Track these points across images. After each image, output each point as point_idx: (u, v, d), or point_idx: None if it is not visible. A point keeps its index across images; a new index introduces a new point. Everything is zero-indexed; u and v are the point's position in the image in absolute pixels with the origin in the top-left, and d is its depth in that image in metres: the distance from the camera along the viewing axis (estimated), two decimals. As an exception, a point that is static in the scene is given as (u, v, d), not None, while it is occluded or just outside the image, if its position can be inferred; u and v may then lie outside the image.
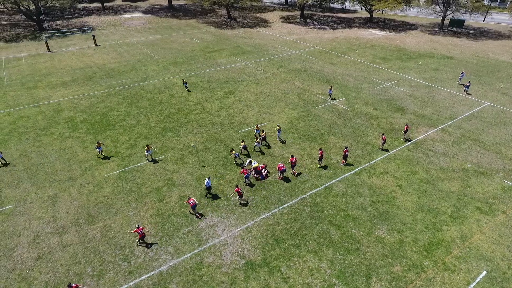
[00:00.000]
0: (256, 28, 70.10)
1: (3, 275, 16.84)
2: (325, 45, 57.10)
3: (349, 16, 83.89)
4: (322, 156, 24.75)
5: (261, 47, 55.96)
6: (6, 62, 48.54)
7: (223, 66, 46.59)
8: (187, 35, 63.87)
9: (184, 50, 54.31)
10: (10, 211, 20.77)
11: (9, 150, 26.82)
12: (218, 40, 60.48)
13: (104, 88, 39.01)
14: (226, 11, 78.46)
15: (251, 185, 23.06)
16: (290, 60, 48.95)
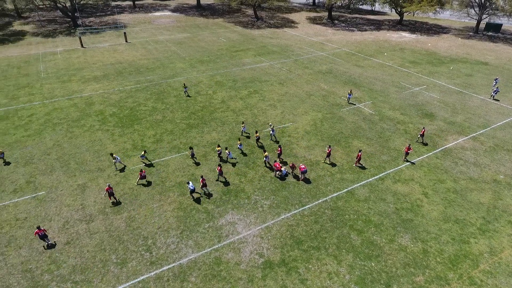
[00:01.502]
0: (282, 29, 70.02)
1: (35, 256, 17.78)
2: (352, 47, 56.21)
3: (378, 18, 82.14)
4: (330, 153, 24.89)
5: (287, 47, 55.85)
6: (43, 56, 51.01)
7: (249, 65, 46.87)
8: (214, 34, 64.70)
9: (211, 49, 55.06)
10: (43, 197, 21.87)
11: (44, 140, 28.21)
12: (244, 39, 60.88)
13: (133, 83, 40.23)
14: (253, 11, 78.84)
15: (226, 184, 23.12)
16: (316, 62, 48.56)
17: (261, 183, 23.44)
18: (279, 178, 23.73)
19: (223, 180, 23.47)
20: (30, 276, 16.75)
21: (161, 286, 16.37)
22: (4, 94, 37.03)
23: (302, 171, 23.04)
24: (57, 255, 17.90)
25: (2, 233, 19.19)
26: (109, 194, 20.84)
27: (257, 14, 78.57)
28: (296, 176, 23.80)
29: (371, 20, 79.08)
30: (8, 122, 31.10)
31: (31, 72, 43.90)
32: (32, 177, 23.74)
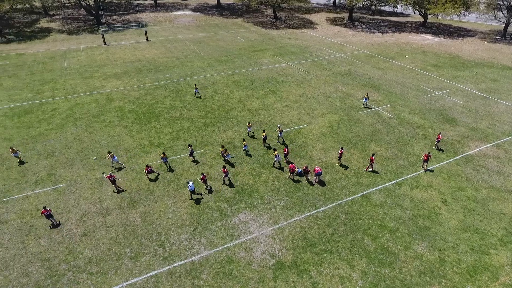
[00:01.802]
0: (301, 29, 69.63)
1: (53, 246, 18.34)
2: (372, 49, 55.29)
3: (401, 20, 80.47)
4: (342, 155, 24.63)
5: (305, 48, 55.50)
6: (67, 52, 52.61)
7: (266, 65, 46.84)
8: (233, 34, 65.01)
9: (229, 48, 55.35)
10: (63, 189, 22.54)
11: (65, 134, 29.07)
12: (262, 39, 60.90)
13: (152, 81, 40.92)
14: (273, 11, 78.77)
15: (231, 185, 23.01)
16: (335, 63, 48.03)
17: (275, 183, 23.37)
18: (294, 180, 23.56)
19: (227, 183, 23.24)
20: (48, 265, 17.30)
21: (173, 281, 16.57)
22: (29, 89, 38.40)
23: (317, 173, 22.82)
24: (74, 246, 18.40)
25: (23, 222, 19.90)
26: (111, 182, 21.78)
27: (276, 15, 78.45)
28: (309, 181, 23.48)
29: (393, 22, 77.58)
30: (32, 115, 32.22)
31: (55, 68, 45.34)
32: (53, 169, 24.51)
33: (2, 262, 17.42)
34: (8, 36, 61.04)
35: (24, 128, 29.99)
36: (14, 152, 24.66)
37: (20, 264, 17.33)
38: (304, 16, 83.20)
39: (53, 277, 16.70)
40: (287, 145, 25.71)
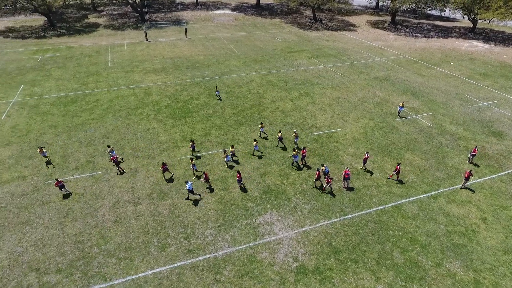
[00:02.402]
0: (340, 31, 68.23)
1: (87, 230, 19.38)
2: (414, 54, 52.96)
3: (448, 24, 76.38)
4: (367, 160, 23.99)
5: (343, 51, 54.31)
6: (112, 47, 55.33)
7: (302, 67, 46.40)
8: (270, 34, 65.07)
9: (266, 48, 55.45)
10: (99, 177, 23.74)
11: (105, 124, 30.58)
12: (300, 40, 60.40)
13: (188, 78, 41.98)
14: (312, 12, 77.85)
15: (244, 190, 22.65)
16: (373, 67, 46.57)
17: (303, 186, 23.10)
18: (318, 187, 23.14)
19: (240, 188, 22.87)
20: (81, 247, 18.30)
21: (196, 274, 16.89)
22: (76, 80, 40.84)
23: (346, 178, 22.29)
24: (106, 231, 19.31)
25: (62, 205, 21.20)
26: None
27: (315, 16, 77.47)
28: (331, 191, 22.66)
29: (439, 27, 73.84)
30: (76, 105, 34.24)
31: (100, 61, 47.86)
32: (92, 157, 25.88)
33: (41, 240, 18.68)
34: (60, 30, 65.32)
35: (69, 116, 31.94)
36: (42, 152, 24.77)
37: (57, 244, 18.47)
38: (344, 18, 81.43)
39: (85, 259, 17.64)
40: (305, 147, 25.24)
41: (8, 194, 21.96)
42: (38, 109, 33.32)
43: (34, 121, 30.93)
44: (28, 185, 22.73)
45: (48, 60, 48.04)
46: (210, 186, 22.98)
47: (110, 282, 16.50)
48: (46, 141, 27.79)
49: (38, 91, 37.39)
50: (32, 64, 46.44)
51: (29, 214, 20.43)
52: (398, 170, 22.91)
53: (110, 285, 16.33)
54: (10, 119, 31.22)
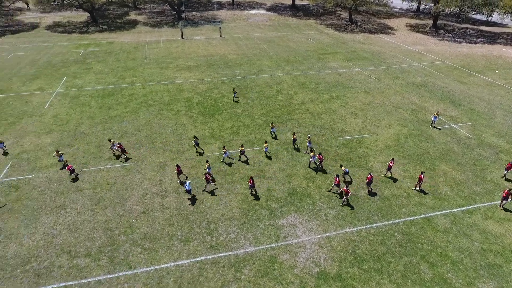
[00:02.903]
0: (377, 34, 66.30)
1: (116, 218, 20.15)
2: (456, 60, 50.37)
3: (494, 30, 71.97)
4: (391, 167, 23.35)
5: (379, 54, 52.71)
6: (149, 44, 57.23)
7: (335, 69, 45.56)
8: (304, 35, 64.47)
9: (299, 49, 55.01)
10: (130, 168, 24.62)
11: (138, 118, 31.67)
12: (334, 42, 59.36)
13: (220, 76, 42.52)
14: (348, 14, 76.26)
15: (256, 197, 22.14)
16: (410, 72, 44.82)
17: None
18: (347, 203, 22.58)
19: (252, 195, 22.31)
20: (110, 234, 19.05)
21: (216, 270, 17.05)
22: (114, 74, 42.64)
23: (368, 183, 21.65)
24: (133, 221, 19.98)
25: (94, 192, 22.19)
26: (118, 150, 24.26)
27: (352, 18, 75.81)
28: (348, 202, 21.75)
29: (484, 32, 69.76)
30: (113, 98, 35.73)
31: (137, 57, 49.66)
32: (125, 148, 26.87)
33: (74, 224, 19.66)
34: (102, 26, 68.51)
35: (105, 108, 33.39)
36: (59, 156, 24.29)
37: (88, 229, 19.36)
38: (382, 20, 79.04)
39: (113, 246, 18.35)
40: (321, 153, 24.63)
41: (46, 179, 23.32)
42: (78, 100, 35.14)
43: (74, 112, 32.64)
44: (65, 172, 24.01)
45: (89, 54, 50.53)
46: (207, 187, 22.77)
47: (135, 270, 17.05)
48: (84, 131, 29.23)
49: (79, 83, 39.42)
50: (75, 57, 49.05)
51: (64, 199, 21.58)
52: (421, 179, 22.01)
53: (134, 273, 16.87)
54: (53, 109, 33.16)
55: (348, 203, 21.63)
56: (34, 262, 17.32)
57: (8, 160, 25.12)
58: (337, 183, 21.71)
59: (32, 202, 21.23)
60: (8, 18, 73.02)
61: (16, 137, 28.09)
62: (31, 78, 40.66)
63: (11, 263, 17.24)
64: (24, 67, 44.37)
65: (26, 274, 16.70)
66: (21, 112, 32.27)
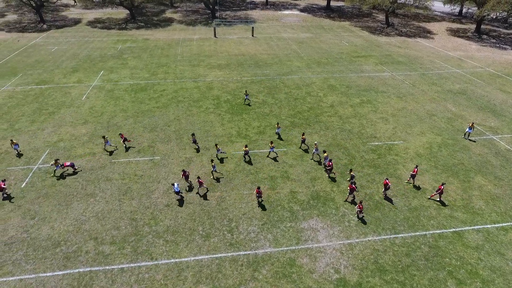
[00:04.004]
0: (414, 38, 63.83)
1: (141, 209, 20.78)
2: (499, 68, 47.43)
3: (545, 37, 66.99)
4: (415, 175, 22.40)
5: (415, 59, 50.72)
6: (182, 41, 58.57)
7: (367, 73, 44.37)
8: (337, 37, 63.32)
9: (331, 51, 54.11)
10: (157, 162, 25.31)
11: (168, 113, 32.50)
12: (368, 45, 57.83)
13: (250, 75, 42.71)
14: (385, 16, 73.98)
15: (261, 202, 21.51)
16: (448, 79, 42.74)
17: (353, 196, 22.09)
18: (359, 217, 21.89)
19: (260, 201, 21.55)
20: (134, 225, 19.68)
21: (235, 268, 17.13)
22: (147, 70, 44.03)
23: (385, 187, 21.01)
24: (157, 213, 20.52)
25: (123, 183, 23.02)
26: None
27: (388, 20, 73.50)
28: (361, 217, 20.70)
29: (533, 39, 65.14)
30: (145, 93, 36.90)
31: (170, 54, 50.97)
32: (153, 142, 27.67)
33: (102, 213, 20.50)
34: (139, 23, 70.97)
35: (137, 103, 34.55)
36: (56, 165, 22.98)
37: (114, 218, 20.11)
38: (421, 24, 75.98)
39: (137, 236, 18.94)
40: (331, 160, 23.79)
41: (79, 167, 24.48)
42: (112, 93, 36.62)
43: (108, 104, 34.05)
44: (96, 161, 25.11)
45: (126, 50, 52.53)
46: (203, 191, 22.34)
47: (156, 261, 17.49)
48: (116, 123, 30.40)
49: (115, 78, 41.07)
50: (112, 52, 51.16)
51: (95, 187, 22.56)
52: (441, 191, 20.93)
53: (155, 264, 17.32)
54: (89, 101, 34.78)
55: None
56: (63, 246, 18.25)
57: (45, 147, 26.63)
58: (351, 189, 21.08)
59: (65, 189, 22.38)
60: (54, 13, 77.48)
61: (54, 126, 29.74)
62: (71, 71, 42.89)
63: (43, 245, 18.26)
64: (65, 60, 46.90)
65: (56, 257, 17.62)
66: (61, 103, 34.12)
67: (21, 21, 69.01)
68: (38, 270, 16.91)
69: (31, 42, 55.33)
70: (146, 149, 26.79)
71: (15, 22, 68.19)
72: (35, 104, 33.69)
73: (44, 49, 51.95)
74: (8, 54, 49.12)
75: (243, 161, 25.45)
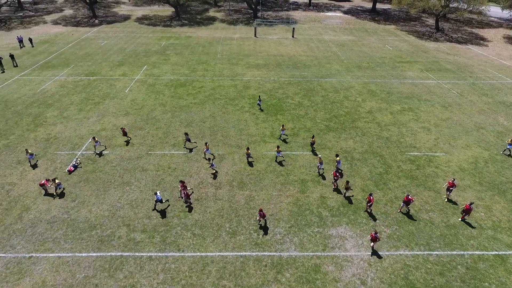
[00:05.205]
0: (466, 45, 59.99)
1: (172, 201, 21.40)
2: (562, 81, 43.22)
3: None
4: (451, 188, 21.06)
5: (465, 67, 47.64)
6: (223, 40, 59.54)
7: (411, 79, 42.38)
8: (381, 41, 61.13)
9: (373, 55, 52.34)
10: (191, 156, 25.93)
11: (204, 110, 33.18)
12: (414, 51, 55.23)
13: (287, 76, 42.46)
14: (435, 21, 70.21)
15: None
16: (501, 90, 39.69)
17: (387, 207, 21.21)
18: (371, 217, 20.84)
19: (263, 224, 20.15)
20: (165, 215, 20.30)
21: (258, 268, 17.11)
22: (187, 66, 45.28)
23: (406, 202, 19.93)
24: (187, 206, 21.01)
25: (157, 174, 23.85)
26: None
27: (438, 25, 69.69)
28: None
29: None
30: (184, 89, 37.96)
31: (210, 52, 52.02)
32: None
33: (136, 201, 21.38)
34: (183, 21, 73.19)
35: (176, 98, 35.64)
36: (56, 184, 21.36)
37: (147, 208, 20.89)
38: (474, 30, 71.25)
39: (166, 226, 19.54)
40: (337, 170, 22.75)
41: (118, 156, 25.73)
42: (153, 88, 38.08)
43: (149, 98, 35.45)
44: (134, 152, 26.24)
45: (169, 46, 54.39)
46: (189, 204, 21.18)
47: (182, 253, 17.93)
48: (155, 117, 31.57)
49: (156, 72, 42.68)
50: (156, 48, 53.20)
51: (131, 176, 23.58)
52: (469, 209, 19.46)
53: (182, 256, 17.75)
54: (132, 93, 36.43)
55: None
56: (98, 229, 19.27)
57: (89, 135, 28.26)
58: (370, 201, 20.10)
59: (104, 175, 23.62)
60: (106, 9, 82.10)
61: (98, 116, 31.50)
62: (118, 65, 45.18)
63: (81, 227, 19.41)
64: (113, 54, 49.49)
65: (91, 239, 18.65)
66: (106, 94, 36.06)
67: (76, 16, 73.87)
68: (75, 249, 17.99)
69: (83, 36, 59.04)
70: (181, 143, 27.55)
71: (70, 17, 73.13)
72: (83, 94, 35.90)
73: (94, 43, 55.22)
74: (63, 46, 52.80)
75: (275, 162, 25.35)
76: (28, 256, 17.60)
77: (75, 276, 16.67)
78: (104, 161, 25.10)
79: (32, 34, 57.84)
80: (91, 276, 16.66)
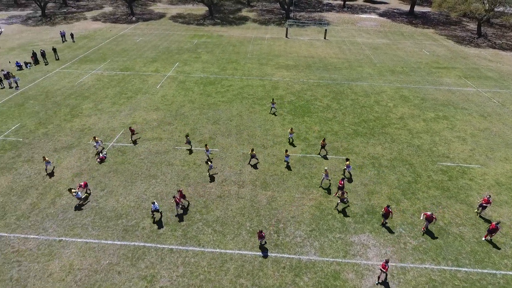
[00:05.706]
0: (510, 52, 56.45)
1: (195, 197, 21.76)
2: None
3: None
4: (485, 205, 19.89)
5: (508, 75, 44.85)
6: (254, 40, 59.76)
7: (447, 86, 40.49)
8: (417, 45, 58.87)
9: (408, 59, 50.51)
10: (216, 153, 26.23)
11: (231, 108, 33.46)
12: (452, 56, 52.72)
13: (316, 78, 41.91)
14: (477, 25, 66.64)
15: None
16: (547, 101, 37.00)
17: (414, 218, 20.39)
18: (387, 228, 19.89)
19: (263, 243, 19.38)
20: (187, 210, 20.66)
21: (276, 270, 17.01)
22: (218, 65, 45.86)
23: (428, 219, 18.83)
24: (210, 203, 21.29)
25: (182, 169, 24.34)
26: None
27: (480, 30, 66.10)
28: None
29: None
30: (213, 87, 38.48)
31: (241, 51, 52.39)
32: (214, 135, 28.75)
33: (160, 194, 21.93)
34: (216, 20, 74.25)
35: (205, 95, 36.20)
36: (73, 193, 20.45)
37: (171, 201, 21.34)
38: (520, 36, 66.89)
39: (188, 221, 19.89)
40: (343, 178, 21.73)
41: (146, 149, 26.51)
42: (184, 85, 38.90)
43: (179, 94, 36.25)
44: (162, 146, 26.93)
45: (200, 45, 55.36)
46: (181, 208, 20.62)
47: (202, 248, 18.17)
48: (183, 113, 32.23)
49: (187, 70, 43.56)
50: (188, 46, 54.32)
51: (157, 170, 24.21)
52: (495, 229, 18.15)
53: (201, 251, 17.99)
54: (162, 89, 37.42)
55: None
56: (124, 219, 19.94)
57: (120, 128, 29.32)
58: (386, 213, 19.12)
59: (132, 167, 24.42)
60: (143, 7, 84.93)
61: (130, 110, 32.62)
62: (151, 61, 46.57)
63: (108, 215, 20.17)
64: (147, 51, 51.09)
65: (117, 228, 19.34)
66: (138, 89, 37.28)
67: (115, 13, 76.96)
68: (101, 236, 18.73)
69: (121, 32, 61.39)
70: (207, 140, 27.94)
71: (110, 14, 76.30)
72: (117, 88, 37.32)
73: (130, 39, 57.27)
74: (101, 41, 55.20)
75: (299, 164, 25.09)
76: (58, 240, 18.53)
77: (100, 262, 17.35)
78: (132, 153, 25.95)
79: (74, 30, 60.96)
80: (115, 264, 17.27)
